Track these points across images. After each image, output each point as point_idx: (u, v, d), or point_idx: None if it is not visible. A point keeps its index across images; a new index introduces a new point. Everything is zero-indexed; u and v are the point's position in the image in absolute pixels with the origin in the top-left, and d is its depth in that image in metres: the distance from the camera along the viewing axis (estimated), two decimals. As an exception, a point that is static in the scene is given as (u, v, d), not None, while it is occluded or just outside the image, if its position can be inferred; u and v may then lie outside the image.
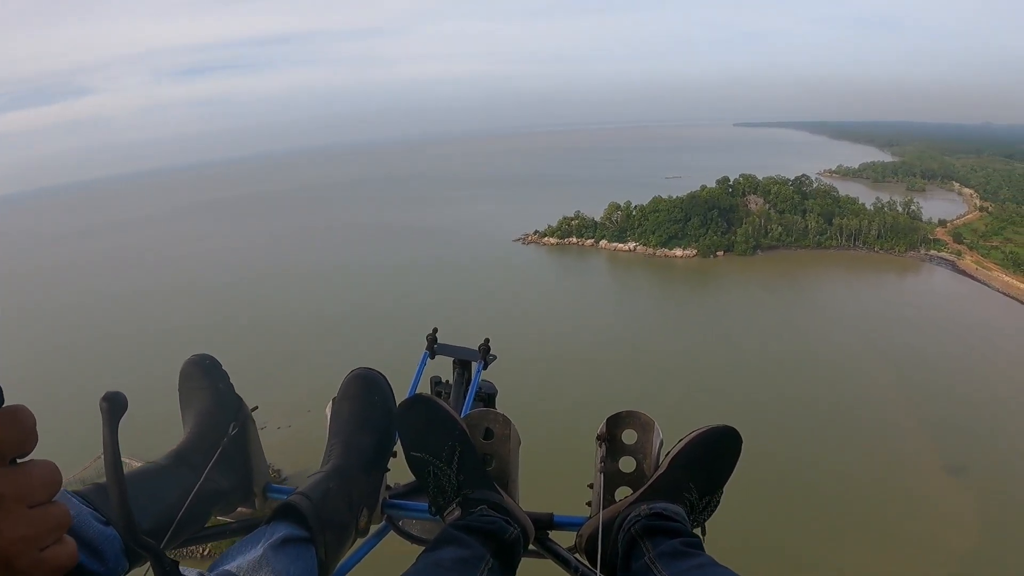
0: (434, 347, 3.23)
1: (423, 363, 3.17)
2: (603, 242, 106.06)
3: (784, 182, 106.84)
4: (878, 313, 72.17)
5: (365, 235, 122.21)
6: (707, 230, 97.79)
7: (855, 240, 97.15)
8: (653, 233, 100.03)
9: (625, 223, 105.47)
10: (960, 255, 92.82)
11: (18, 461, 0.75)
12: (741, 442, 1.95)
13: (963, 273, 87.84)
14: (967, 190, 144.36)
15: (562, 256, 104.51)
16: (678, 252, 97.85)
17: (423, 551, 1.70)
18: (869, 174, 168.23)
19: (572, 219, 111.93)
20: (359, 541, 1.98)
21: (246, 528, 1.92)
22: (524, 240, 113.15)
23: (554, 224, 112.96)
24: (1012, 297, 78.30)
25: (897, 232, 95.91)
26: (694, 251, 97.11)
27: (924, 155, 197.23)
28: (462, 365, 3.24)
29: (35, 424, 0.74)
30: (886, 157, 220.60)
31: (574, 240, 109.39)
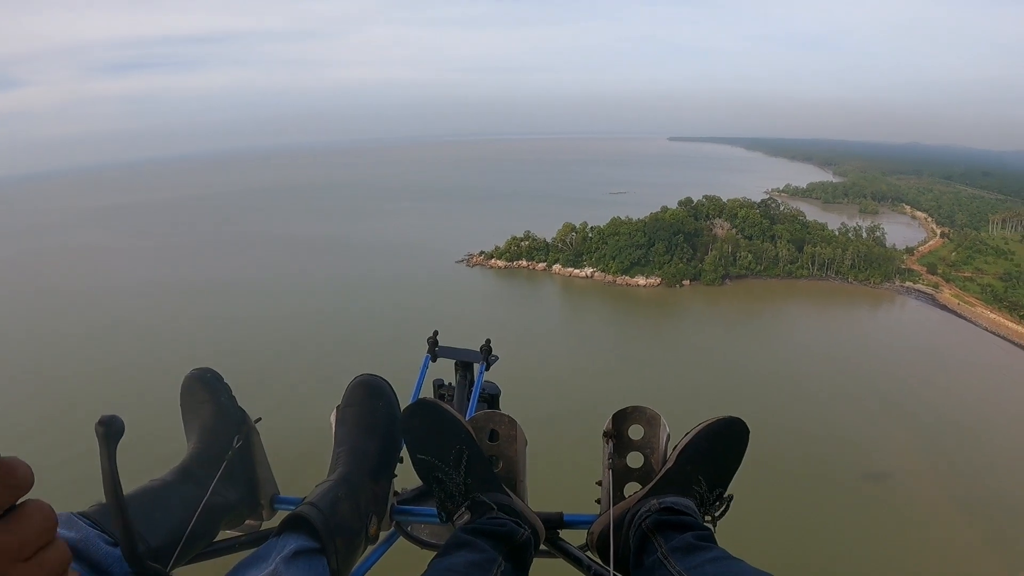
0: (435, 350, 3.23)
1: (425, 366, 3.17)
2: (556, 266, 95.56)
3: (751, 205, 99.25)
4: (868, 358, 64.12)
5: (285, 251, 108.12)
6: (672, 256, 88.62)
7: (827, 269, 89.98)
8: (613, 259, 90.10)
9: (581, 246, 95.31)
10: (937, 287, 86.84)
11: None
12: (748, 432, 1.97)
13: (944, 308, 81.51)
14: (920, 213, 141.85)
15: (511, 282, 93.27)
16: (641, 280, 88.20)
17: (434, 556, 1.70)
18: (819, 194, 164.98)
19: (522, 240, 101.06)
20: (369, 549, 1.97)
21: (255, 541, 1.94)
22: (468, 262, 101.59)
23: (501, 244, 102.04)
24: (1004, 338, 71.98)
25: (871, 262, 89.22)
26: (658, 279, 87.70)
27: (868, 176, 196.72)
28: (464, 367, 3.22)
29: (31, 478, 0.73)
30: (828, 175, 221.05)
31: (524, 263, 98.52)
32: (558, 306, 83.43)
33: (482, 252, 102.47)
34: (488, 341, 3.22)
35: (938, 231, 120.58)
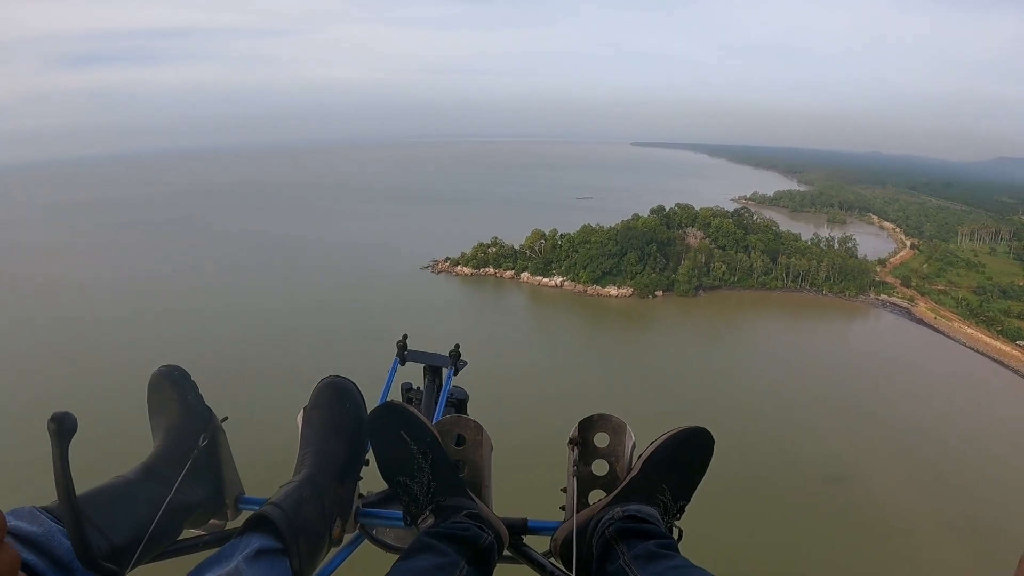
0: (404, 354, 3.22)
1: (393, 370, 3.15)
2: (525, 275, 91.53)
3: (724, 214, 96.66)
4: (847, 372, 61.58)
5: (242, 252, 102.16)
6: (644, 266, 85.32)
7: (802, 281, 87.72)
8: (584, 268, 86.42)
9: (551, 254, 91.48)
10: (913, 301, 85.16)
11: None
12: (713, 442, 1.97)
13: (921, 322, 79.71)
14: (887, 224, 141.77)
15: (477, 291, 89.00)
16: (612, 291, 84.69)
17: (397, 560, 1.70)
18: (786, 203, 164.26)
19: (489, 246, 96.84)
20: (333, 551, 1.96)
21: (219, 540, 1.93)
22: (434, 268, 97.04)
23: (468, 250, 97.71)
24: (983, 353, 70.25)
25: (846, 274, 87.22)
26: (630, 290, 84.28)
27: (834, 185, 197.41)
28: (433, 371, 3.22)
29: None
30: (793, 183, 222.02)
31: (491, 271, 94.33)
32: (525, 318, 79.35)
33: (448, 258, 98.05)
34: (457, 346, 3.21)
35: (907, 242, 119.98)
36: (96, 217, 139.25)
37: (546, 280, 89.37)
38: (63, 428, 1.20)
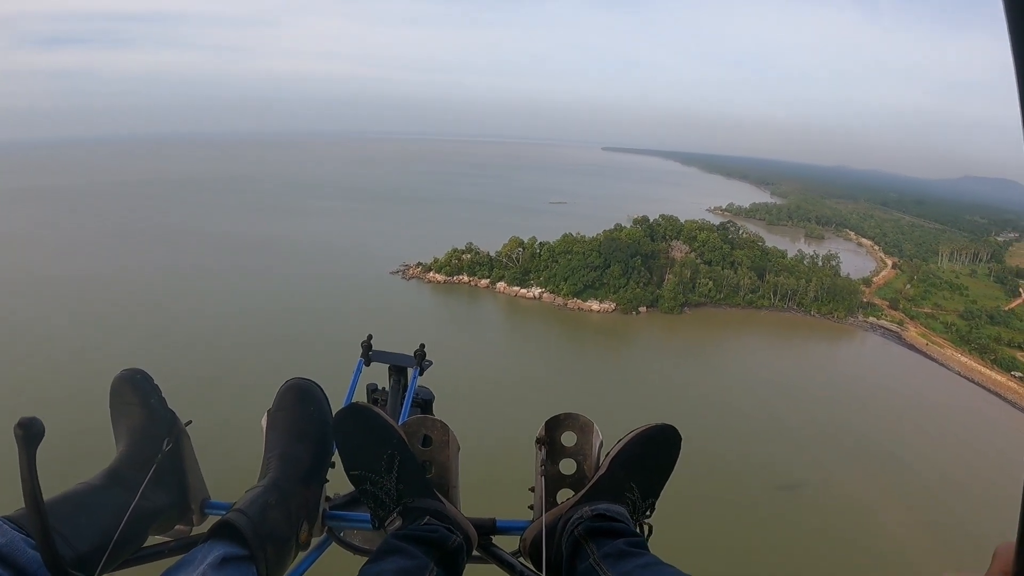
0: (369, 354, 3.17)
1: (358, 370, 3.11)
2: (501, 284, 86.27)
3: (711, 228, 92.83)
4: (839, 399, 58.11)
5: (201, 249, 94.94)
6: (628, 280, 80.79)
7: (789, 300, 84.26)
8: (565, 280, 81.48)
9: (529, 263, 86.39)
10: (902, 324, 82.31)
11: None
12: (680, 439, 1.97)
13: (912, 348, 76.77)
14: (865, 240, 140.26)
15: (450, 299, 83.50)
16: (594, 305, 79.86)
17: (365, 562, 1.69)
18: (762, 215, 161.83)
19: (463, 252, 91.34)
20: (301, 555, 1.95)
21: (184, 547, 1.91)
22: (404, 273, 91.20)
23: (440, 255, 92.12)
24: (979, 384, 67.41)
25: (834, 295, 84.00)
26: (613, 305, 79.60)
27: (808, 198, 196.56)
28: (398, 372, 3.19)
29: None
30: (766, 195, 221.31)
31: (466, 278, 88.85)
32: (500, 332, 74.02)
33: (419, 264, 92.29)
34: (422, 346, 3.17)
35: (888, 261, 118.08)
36: (41, 207, 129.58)
37: (524, 291, 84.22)
38: (30, 434, 1.18)
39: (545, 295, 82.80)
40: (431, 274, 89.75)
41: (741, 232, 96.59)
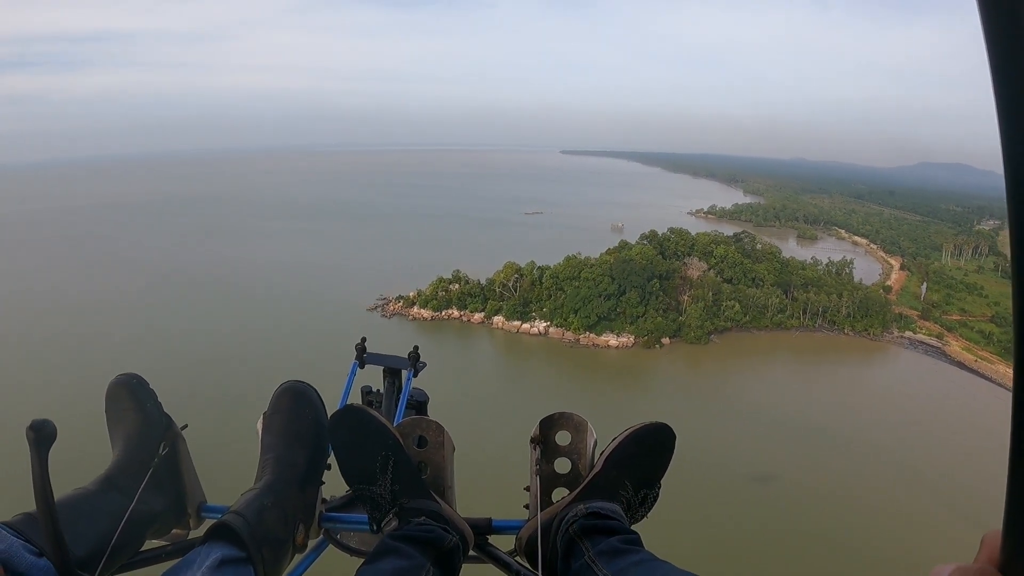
0: (363, 356, 3.19)
1: (353, 373, 3.12)
2: (498, 318, 75.55)
3: (726, 241, 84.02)
4: (918, 442, 49.59)
5: (149, 285, 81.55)
6: (647, 308, 71.06)
7: (819, 318, 76.05)
8: (576, 312, 71.12)
9: (529, 292, 75.83)
10: (942, 338, 75.05)
11: None
12: (675, 438, 1.98)
13: (961, 366, 69.33)
14: (859, 239, 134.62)
15: (439, 340, 71.89)
16: (611, 340, 69.74)
17: (362, 564, 1.70)
18: (748, 217, 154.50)
19: (451, 281, 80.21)
20: (298, 557, 1.96)
21: (181, 550, 1.92)
22: (384, 310, 79.67)
23: (422, 284, 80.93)
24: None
25: (867, 309, 76.16)
26: (632, 338, 69.70)
27: (787, 196, 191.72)
28: (392, 374, 3.20)
29: None
30: (738, 194, 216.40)
31: (455, 313, 77.80)
32: (503, 379, 63.15)
33: (400, 298, 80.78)
34: (416, 348, 3.16)
35: (892, 262, 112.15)
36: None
37: (526, 326, 73.61)
38: (42, 436, 1.18)
39: (552, 329, 72.36)
40: (415, 309, 78.60)
41: (758, 244, 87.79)
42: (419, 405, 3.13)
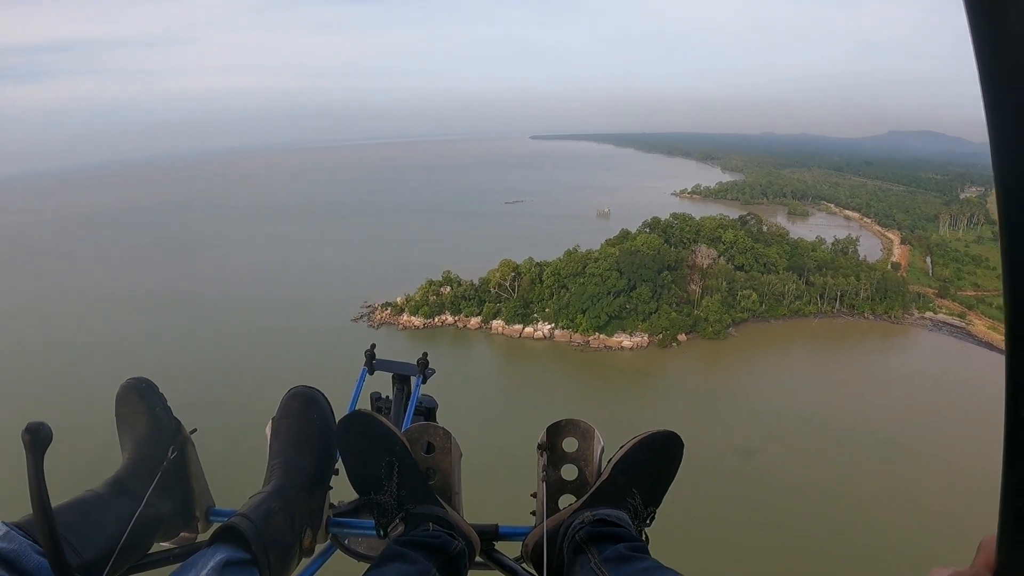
0: (372, 363, 3.17)
1: (362, 379, 3.12)
2: (497, 322, 69.52)
3: (733, 225, 78.90)
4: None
5: (118, 304, 73.78)
6: (659, 303, 65.70)
7: (837, 303, 71.65)
8: (583, 312, 65.38)
9: (529, 292, 69.91)
10: (965, 317, 71.32)
11: None
12: (683, 446, 1.96)
13: (991, 346, 65.57)
14: (851, 213, 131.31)
15: (435, 350, 65.57)
16: (624, 340, 64.28)
17: (367, 569, 1.71)
18: (735, 195, 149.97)
19: (441, 284, 73.86)
20: (305, 561, 1.96)
21: (189, 554, 1.85)
22: (370, 318, 73.12)
23: (411, 289, 74.50)
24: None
25: (887, 291, 71.96)
26: (646, 337, 64.34)
27: (768, 171, 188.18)
28: (401, 380, 3.18)
29: None
30: (716, 171, 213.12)
31: (449, 319, 71.60)
32: (506, 397, 57.28)
33: (388, 304, 74.19)
34: (425, 354, 3.14)
35: (892, 236, 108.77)
36: None
37: (528, 329, 67.70)
38: (38, 439, 1.18)
39: (558, 332, 66.59)
40: (404, 317, 72.20)
41: (764, 227, 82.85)
42: (428, 411, 3.07)
